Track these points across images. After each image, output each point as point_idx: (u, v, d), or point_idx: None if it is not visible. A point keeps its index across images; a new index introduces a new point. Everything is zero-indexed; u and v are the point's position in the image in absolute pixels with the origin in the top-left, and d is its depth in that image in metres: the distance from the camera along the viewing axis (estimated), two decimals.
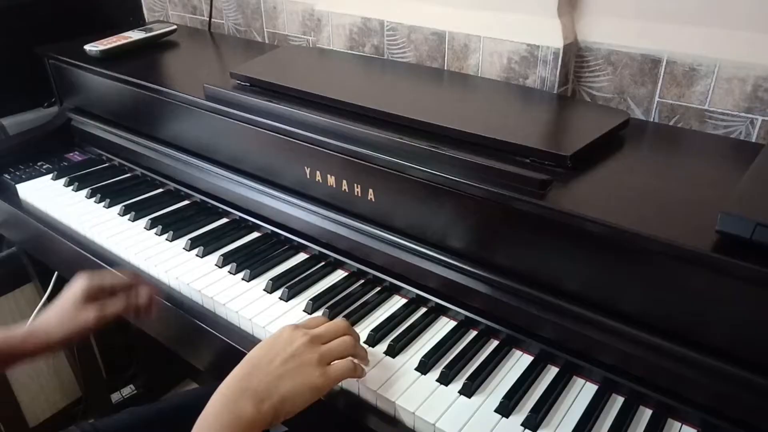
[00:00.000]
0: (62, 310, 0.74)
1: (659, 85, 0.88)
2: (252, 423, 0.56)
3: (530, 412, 0.62)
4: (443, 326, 0.75)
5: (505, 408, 0.63)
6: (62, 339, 0.74)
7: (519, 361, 0.70)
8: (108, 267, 0.90)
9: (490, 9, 0.94)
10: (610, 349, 0.64)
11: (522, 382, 0.66)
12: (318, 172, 0.85)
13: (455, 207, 0.72)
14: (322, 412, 0.68)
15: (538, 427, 0.61)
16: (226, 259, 0.87)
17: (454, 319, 0.76)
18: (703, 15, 0.82)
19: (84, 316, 0.74)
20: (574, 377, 0.68)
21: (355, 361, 0.65)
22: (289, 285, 0.81)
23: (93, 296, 0.76)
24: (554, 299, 0.67)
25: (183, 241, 0.92)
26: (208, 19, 1.42)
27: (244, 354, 0.71)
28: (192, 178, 1.03)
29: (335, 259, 0.86)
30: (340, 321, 0.67)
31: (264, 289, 0.82)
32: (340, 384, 0.68)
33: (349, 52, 1.14)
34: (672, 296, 0.60)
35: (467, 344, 0.72)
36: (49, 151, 1.22)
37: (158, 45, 1.26)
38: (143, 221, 0.98)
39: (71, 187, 1.09)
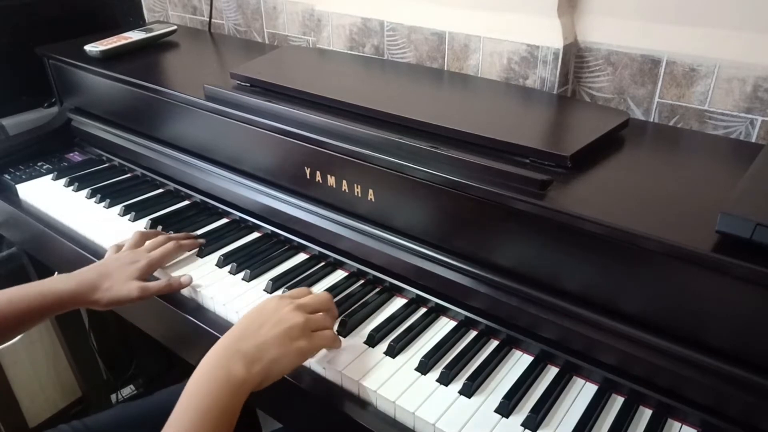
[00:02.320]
0: (111, 279, 0.79)
1: (659, 85, 0.88)
2: (243, 383, 0.59)
3: (530, 412, 0.62)
4: (443, 326, 0.75)
5: (505, 408, 0.63)
6: (107, 304, 0.79)
7: (519, 361, 0.70)
8: None
9: (490, 9, 0.94)
10: (610, 350, 0.64)
11: (522, 382, 0.66)
12: (318, 172, 0.85)
13: (455, 207, 0.72)
14: (320, 410, 0.68)
15: (538, 427, 0.61)
16: (226, 259, 0.87)
17: (454, 319, 0.76)
18: (703, 15, 0.82)
19: (129, 288, 0.79)
20: (574, 377, 0.68)
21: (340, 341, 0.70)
22: (289, 285, 0.81)
23: (144, 273, 0.82)
24: (554, 299, 0.67)
25: None
26: (208, 19, 1.42)
27: None
28: (192, 178, 1.03)
29: (335, 259, 0.86)
30: (323, 294, 0.72)
31: (264, 290, 0.82)
32: (340, 383, 0.68)
33: (349, 52, 1.14)
34: (672, 296, 0.60)
35: (467, 344, 0.72)
36: (49, 151, 1.22)
37: (158, 45, 1.26)
38: (143, 221, 0.98)
39: (71, 188, 1.09)
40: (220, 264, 0.87)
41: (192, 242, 0.91)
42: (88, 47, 1.16)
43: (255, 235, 0.95)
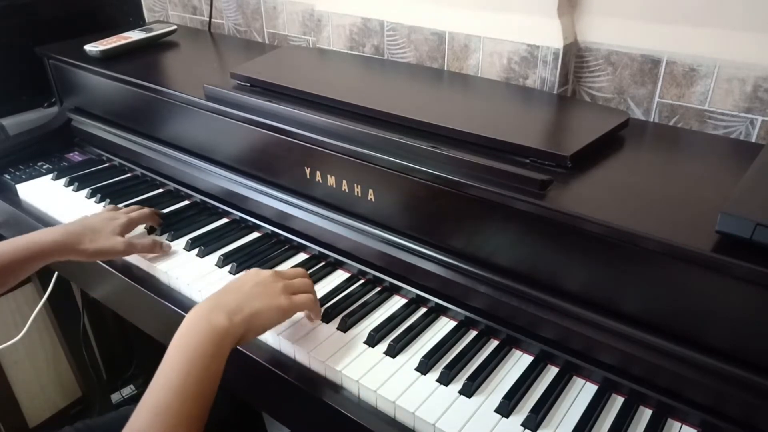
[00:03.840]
0: (96, 232, 0.86)
1: (659, 85, 0.88)
2: (225, 332, 0.62)
3: (530, 412, 0.62)
4: (443, 326, 0.75)
5: (505, 408, 0.63)
6: (92, 254, 0.84)
7: (519, 361, 0.70)
8: (108, 267, 0.90)
9: (490, 9, 0.94)
10: (610, 349, 0.64)
11: (522, 382, 0.66)
12: (318, 172, 0.85)
13: (455, 207, 0.72)
14: (320, 410, 0.68)
15: (538, 427, 0.61)
16: (226, 259, 0.87)
17: (454, 319, 0.76)
18: (703, 15, 0.82)
19: (115, 241, 0.86)
20: (574, 377, 0.68)
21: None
22: None
23: (125, 229, 0.89)
24: (554, 299, 0.67)
25: (183, 241, 0.92)
26: (208, 19, 1.42)
27: (244, 353, 0.73)
28: (192, 178, 1.03)
29: (335, 259, 0.86)
30: (299, 269, 0.77)
31: None
32: (340, 383, 0.68)
33: (349, 52, 1.14)
34: (672, 296, 0.60)
35: (467, 344, 0.72)
36: (49, 151, 1.22)
37: (158, 45, 1.26)
38: None
39: (71, 187, 1.09)
40: (220, 264, 0.87)
41: (161, 214, 0.98)
42: (88, 47, 1.16)
43: (255, 235, 0.95)
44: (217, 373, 0.60)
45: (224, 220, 0.99)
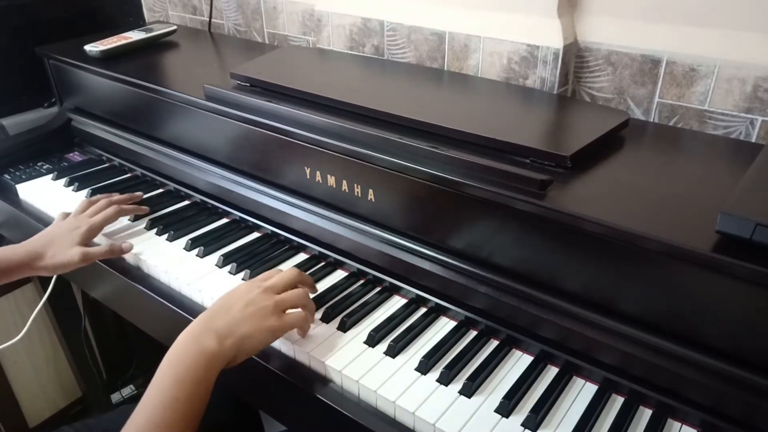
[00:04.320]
0: (56, 246, 0.86)
1: (659, 85, 0.88)
2: (215, 356, 0.62)
3: (530, 412, 0.62)
4: (443, 326, 0.75)
5: (505, 408, 0.63)
6: (53, 269, 0.86)
7: (519, 361, 0.70)
8: (108, 267, 0.90)
9: (490, 9, 0.94)
10: (610, 349, 0.64)
11: (522, 382, 0.66)
12: (318, 172, 0.85)
13: (455, 207, 0.72)
14: (320, 410, 0.68)
15: (538, 427, 0.61)
16: (226, 259, 0.87)
17: (454, 319, 0.76)
18: (703, 15, 0.82)
19: (72, 253, 0.85)
20: (574, 377, 0.68)
21: (309, 320, 0.73)
22: None
23: (86, 237, 0.88)
24: (554, 299, 0.67)
25: (183, 242, 0.92)
26: (208, 19, 1.42)
27: None
28: (192, 178, 1.03)
29: (335, 259, 0.86)
30: (291, 271, 0.74)
31: None
32: (340, 383, 0.68)
33: (349, 52, 1.14)
34: (672, 296, 0.60)
35: (467, 344, 0.72)
36: (49, 151, 1.22)
37: (158, 45, 1.26)
38: (143, 221, 0.98)
39: (71, 188, 1.09)
40: (220, 264, 0.87)
41: (134, 207, 0.97)
42: (88, 47, 1.16)
43: (255, 235, 0.95)
44: (206, 395, 0.60)
45: (224, 220, 0.99)
